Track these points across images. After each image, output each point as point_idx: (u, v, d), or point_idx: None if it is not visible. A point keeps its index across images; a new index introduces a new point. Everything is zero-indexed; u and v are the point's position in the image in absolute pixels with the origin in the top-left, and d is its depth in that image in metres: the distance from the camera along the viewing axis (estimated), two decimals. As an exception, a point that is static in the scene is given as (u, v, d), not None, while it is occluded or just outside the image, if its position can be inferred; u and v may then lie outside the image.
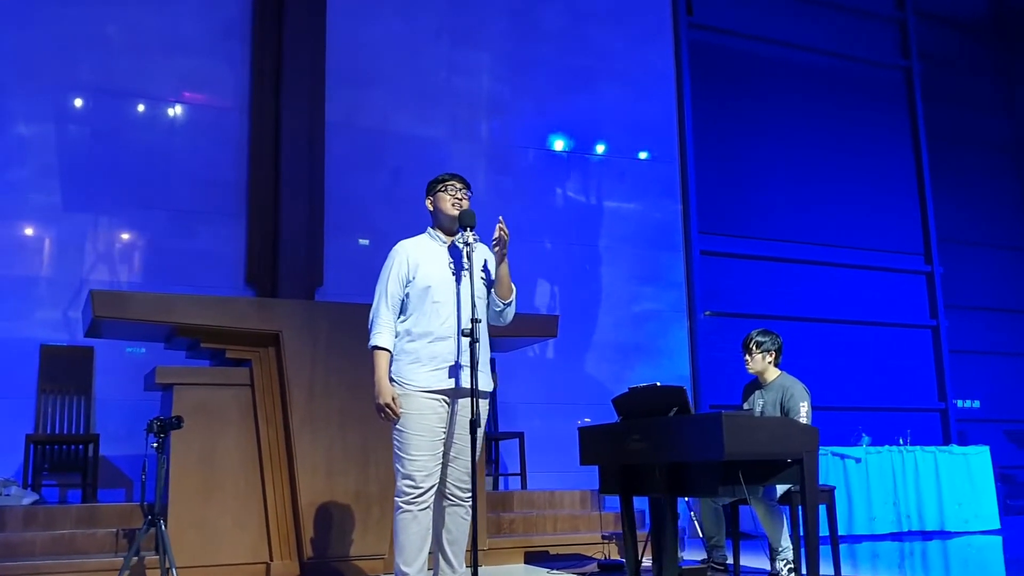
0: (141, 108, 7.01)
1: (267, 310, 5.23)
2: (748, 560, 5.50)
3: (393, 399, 3.60)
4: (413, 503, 3.59)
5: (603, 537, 6.04)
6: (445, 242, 3.82)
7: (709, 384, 8.45)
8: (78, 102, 6.83)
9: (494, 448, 7.51)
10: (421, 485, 3.59)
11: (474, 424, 3.45)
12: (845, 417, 8.94)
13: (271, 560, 5.07)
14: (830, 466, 7.59)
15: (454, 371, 3.62)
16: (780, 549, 4.57)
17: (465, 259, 3.65)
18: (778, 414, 4.78)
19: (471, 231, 3.68)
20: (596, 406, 7.26)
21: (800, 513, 4.11)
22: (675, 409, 4.31)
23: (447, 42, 8.15)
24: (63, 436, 6.19)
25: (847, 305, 9.63)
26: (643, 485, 4.63)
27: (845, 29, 10.34)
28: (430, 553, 3.71)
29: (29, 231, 6.63)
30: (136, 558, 4.87)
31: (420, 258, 3.76)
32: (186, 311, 5.06)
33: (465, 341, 3.56)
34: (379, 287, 3.78)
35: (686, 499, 5.57)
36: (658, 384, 4.49)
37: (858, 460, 7.70)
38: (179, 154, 7.07)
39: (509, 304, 3.83)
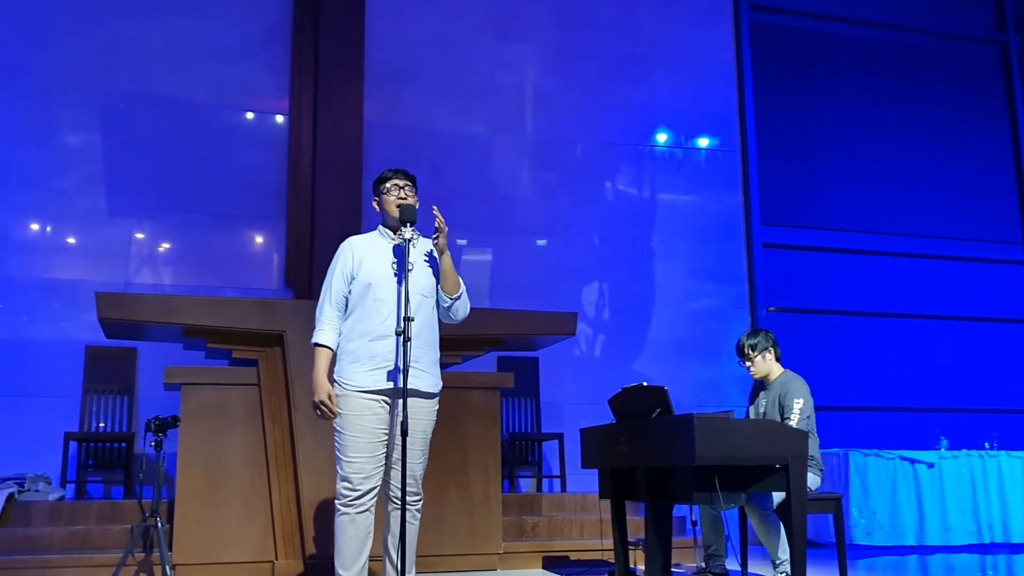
0: (183, 115, 7.18)
1: (270, 310, 5.24)
2: (760, 567, 5.16)
3: (329, 397, 3.52)
4: (351, 505, 3.50)
5: (629, 543, 5.78)
6: (393, 239, 3.71)
7: (771, 384, 8.01)
8: (122, 111, 7.06)
9: (536, 449, 7.37)
10: (359, 487, 3.49)
11: (404, 426, 3.31)
12: (922, 419, 8.33)
13: (276, 559, 5.08)
14: (898, 471, 7.08)
15: (394, 371, 3.50)
16: (778, 561, 4.25)
17: (408, 255, 3.53)
18: (778, 414, 4.44)
19: (411, 227, 3.56)
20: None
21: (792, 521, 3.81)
22: (657, 411, 4.09)
23: (490, 36, 8.03)
24: (99, 434, 6.41)
25: (930, 299, 8.94)
26: (631, 490, 4.41)
27: (929, 2, 9.63)
28: (374, 559, 3.61)
29: (76, 236, 6.91)
30: (143, 553, 5.00)
31: (364, 255, 3.67)
32: (190, 312, 5.13)
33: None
34: (324, 284, 3.72)
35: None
36: (645, 384, 4.27)
37: (930, 465, 7.14)
38: (220, 158, 7.22)
39: (457, 299, 3.69)
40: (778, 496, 4.22)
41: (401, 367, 3.44)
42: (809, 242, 8.65)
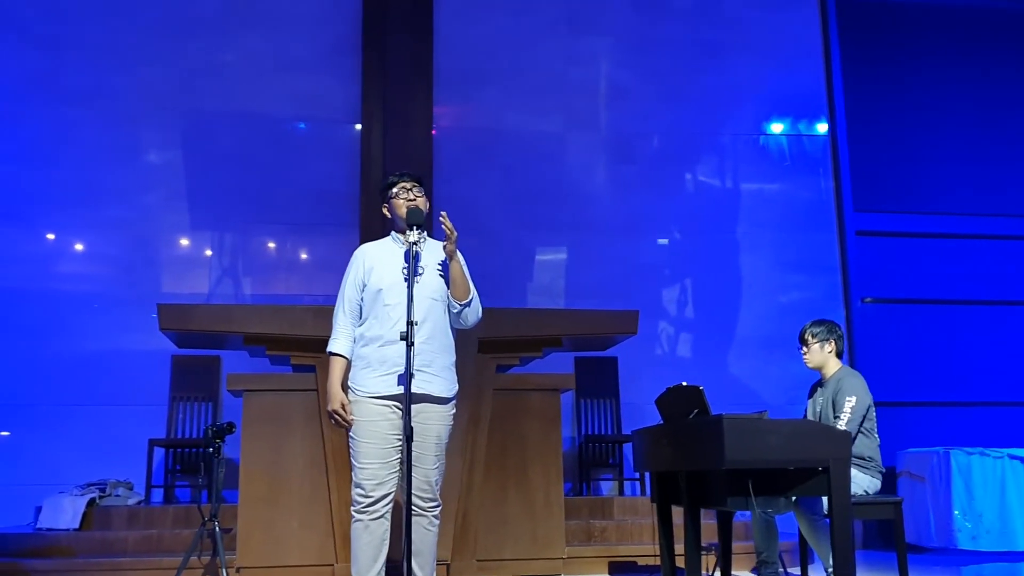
0: (259, 128, 7.38)
1: (323, 317, 5.23)
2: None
3: (343, 406, 3.51)
4: (364, 512, 3.48)
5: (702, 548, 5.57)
6: (403, 244, 3.66)
7: (869, 378, 7.57)
8: (201, 128, 7.32)
9: (617, 451, 7.20)
10: (372, 494, 3.47)
11: (408, 430, 3.26)
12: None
13: (336, 562, 5.13)
14: (1007, 471, 6.56)
15: (405, 376, 3.45)
16: (831, 568, 3.98)
17: (415, 260, 3.48)
18: (832, 413, 4.17)
19: (417, 230, 3.51)
20: (737, 407, 6.76)
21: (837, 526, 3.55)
22: (695, 411, 3.90)
23: (563, 32, 7.91)
24: (182, 440, 6.64)
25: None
26: (675, 494, 4.23)
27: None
28: (390, 563, 3.57)
29: (161, 250, 7.22)
30: (211, 557, 5.13)
31: (376, 261, 3.65)
32: (245, 320, 5.24)
33: (418, 345, 3.39)
34: (339, 293, 3.72)
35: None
36: (684, 384, 4.09)
37: (1044, 464, 6.59)
38: (296, 170, 7.39)
39: (467, 305, 3.61)
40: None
41: (420, 370, 3.43)
42: (906, 228, 8.12)
